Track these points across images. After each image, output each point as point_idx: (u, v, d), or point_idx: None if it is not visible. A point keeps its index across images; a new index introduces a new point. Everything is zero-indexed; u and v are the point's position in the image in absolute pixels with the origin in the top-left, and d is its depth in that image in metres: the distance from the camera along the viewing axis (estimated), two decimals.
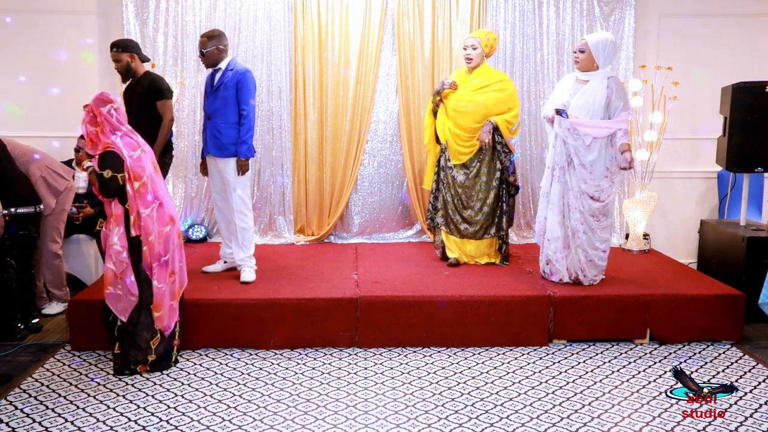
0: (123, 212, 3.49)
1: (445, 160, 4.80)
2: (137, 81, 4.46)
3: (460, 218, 4.79)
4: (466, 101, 4.67)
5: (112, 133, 3.52)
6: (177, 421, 3.09)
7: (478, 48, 4.67)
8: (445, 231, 4.86)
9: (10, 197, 4.10)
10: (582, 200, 4.17)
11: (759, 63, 5.59)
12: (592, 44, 4.07)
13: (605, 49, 4.08)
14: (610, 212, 4.31)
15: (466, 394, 3.39)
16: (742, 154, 4.76)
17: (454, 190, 4.78)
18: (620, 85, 4.17)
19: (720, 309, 4.11)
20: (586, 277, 4.28)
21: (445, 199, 4.82)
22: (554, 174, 4.26)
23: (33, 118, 5.57)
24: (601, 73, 4.13)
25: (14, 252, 4.16)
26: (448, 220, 4.83)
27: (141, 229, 3.49)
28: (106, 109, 3.53)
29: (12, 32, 5.56)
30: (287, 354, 3.92)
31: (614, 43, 4.16)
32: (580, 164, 4.14)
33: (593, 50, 4.07)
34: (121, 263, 3.47)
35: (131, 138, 3.58)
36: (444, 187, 4.83)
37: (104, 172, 3.46)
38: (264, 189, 5.66)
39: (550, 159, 4.34)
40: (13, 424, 3.05)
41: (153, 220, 3.52)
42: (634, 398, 3.37)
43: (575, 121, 4.11)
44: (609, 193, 4.20)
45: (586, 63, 4.12)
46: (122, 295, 3.48)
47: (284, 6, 5.50)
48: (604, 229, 4.26)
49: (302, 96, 5.58)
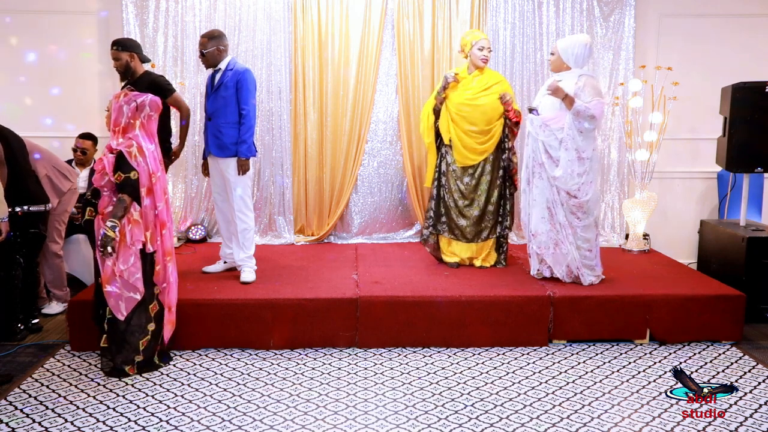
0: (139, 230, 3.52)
1: (447, 164, 4.74)
2: (136, 81, 4.46)
3: (465, 221, 4.74)
4: (471, 106, 4.61)
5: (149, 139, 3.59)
6: (177, 421, 3.09)
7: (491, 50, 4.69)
8: (449, 237, 4.79)
9: (24, 195, 4.13)
10: (561, 195, 4.24)
11: (759, 63, 5.60)
12: (561, 48, 4.24)
13: (574, 51, 4.18)
14: (591, 210, 4.26)
15: (466, 394, 3.39)
16: (742, 154, 4.76)
17: (458, 193, 4.73)
18: (591, 82, 4.19)
19: (720, 309, 4.11)
20: (583, 276, 4.29)
21: (448, 204, 4.75)
22: (534, 171, 4.33)
23: (33, 118, 5.58)
24: (574, 72, 4.21)
25: (23, 250, 4.17)
26: (452, 225, 4.77)
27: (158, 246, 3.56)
28: (155, 116, 3.62)
29: (12, 32, 5.57)
30: (287, 354, 3.93)
31: (585, 45, 4.19)
32: (552, 159, 4.22)
33: (561, 53, 4.22)
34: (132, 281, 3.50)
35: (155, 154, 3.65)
36: (446, 192, 4.76)
37: (131, 173, 3.46)
38: (264, 189, 5.66)
39: (525, 157, 4.42)
40: (13, 424, 3.05)
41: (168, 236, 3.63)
42: (634, 398, 3.37)
43: (545, 116, 4.22)
44: (586, 191, 4.20)
45: (556, 64, 4.29)
46: (123, 292, 3.49)
47: (284, 6, 5.50)
48: (585, 228, 4.25)
49: (302, 96, 5.58)
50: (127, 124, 3.53)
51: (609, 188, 5.74)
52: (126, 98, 3.55)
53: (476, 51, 4.63)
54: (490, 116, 4.61)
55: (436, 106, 4.74)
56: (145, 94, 3.62)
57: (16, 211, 4.04)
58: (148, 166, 3.51)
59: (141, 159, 3.48)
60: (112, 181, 3.46)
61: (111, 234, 3.36)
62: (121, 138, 3.53)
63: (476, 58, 4.64)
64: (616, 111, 5.63)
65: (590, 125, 4.12)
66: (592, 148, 4.20)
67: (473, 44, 4.63)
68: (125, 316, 3.49)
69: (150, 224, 3.54)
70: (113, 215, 3.40)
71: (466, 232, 4.75)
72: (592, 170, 4.22)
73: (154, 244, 3.56)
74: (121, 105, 3.54)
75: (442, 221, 4.80)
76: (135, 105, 3.54)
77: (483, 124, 4.62)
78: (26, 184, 4.15)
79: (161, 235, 3.61)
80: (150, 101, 3.59)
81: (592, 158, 4.20)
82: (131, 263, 3.47)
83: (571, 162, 4.15)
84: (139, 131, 3.55)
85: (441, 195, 4.79)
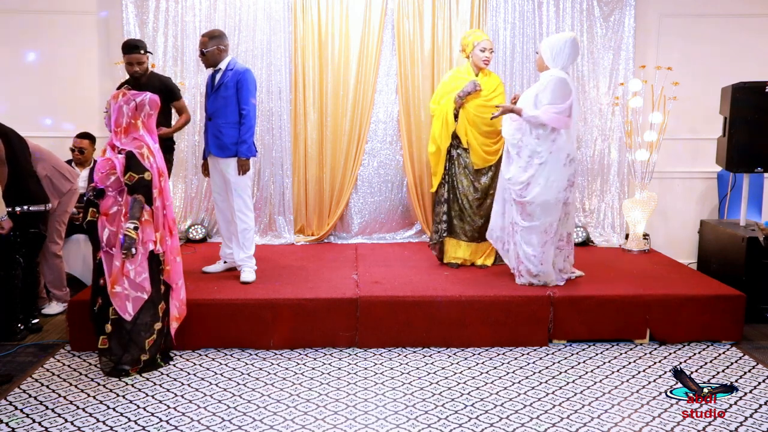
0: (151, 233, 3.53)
1: (462, 166, 4.67)
2: (146, 81, 4.48)
3: (481, 220, 4.68)
4: (487, 107, 4.55)
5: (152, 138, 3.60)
6: (177, 421, 3.09)
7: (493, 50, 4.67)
8: (463, 240, 4.72)
9: (24, 195, 4.13)
10: (509, 193, 4.27)
11: (759, 63, 5.60)
12: (542, 47, 4.22)
13: (552, 50, 4.13)
14: (536, 215, 4.15)
15: (466, 394, 3.39)
16: (742, 154, 4.77)
17: (474, 194, 4.68)
18: (556, 84, 4.10)
19: (720, 309, 4.11)
20: (521, 275, 4.26)
21: (463, 206, 4.70)
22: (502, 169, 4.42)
23: (33, 117, 5.58)
24: (549, 72, 4.18)
25: (23, 250, 4.17)
26: (466, 226, 4.71)
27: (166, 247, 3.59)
28: (154, 114, 3.63)
29: (12, 32, 5.57)
30: (287, 354, 3.92)
31: (566, 42, 4.10)
32: (509, 159, 4.28)
33: (542, 52, 4.21)
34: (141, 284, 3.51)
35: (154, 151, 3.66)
36: (460, 194, 4.69)
37: (145, 174, 3.46)
38: (264, 189, 5.65)
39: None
40: (13, 424, 3.05)
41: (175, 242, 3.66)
42: (634, 398, 3.37)
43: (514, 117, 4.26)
44: (531, 193, 4.14)
45: (539, 64, 4.28)
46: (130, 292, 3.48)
47: (284, 6, 5.50)
48: (528, 231, 4.19)
49: (302, 96, 5.58)
50: (129, 124, 3.54)
51: (609, 188, 5.74)
52: (125, 98, 3.55)
53: (478, 52, 4.59)
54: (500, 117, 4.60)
55: (455, 109, 4.60)
56: (144, 93, 3.62)
57: (15, 210, 4.04)
58: (158, 167, 3.53)
59: (152, 159, 3.49)
60: (121, 181, 3.45)
61: (133, 235, 3.37)
62: (124, 138, 3.53)
63: (478, 59, 4.61)
64: (616, 111, 5.63)
65: (544, 131, 4.11)
66: (549, 151, 4.11)
67: (475, 45, 4.59)
68: (132, 316, 3.49)
69: (160, 225, 3.55)
70: (132, 216, 3.40)
71: (480, 230, 4.68)
72: (542, 175, 4.12)
73: (163, 245, 3.57)
74: (121, 105, 3.54)
75: (455, 224, 4.73)
76: (134, 104, 3.54)
77: (497, 124, 4.60)
78: (27, 184, 4.15)
79: (171, 235, 3.62)
80: (149, 100, 3.59)
81: (545, 162, 4.12)
82: (139, 263, 3.47)
83: (520, 165, 4.18)
84: (143, 131, 3.56)
85: (453, 198, 4.71)
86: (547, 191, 4.13)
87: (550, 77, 4.13)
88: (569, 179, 4.18)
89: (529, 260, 4.23)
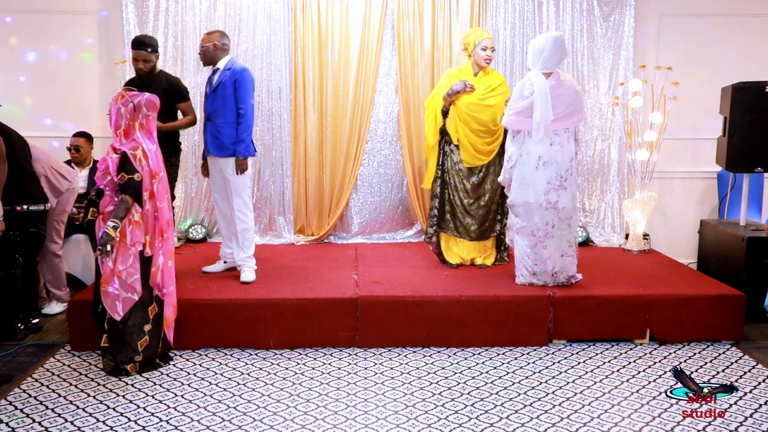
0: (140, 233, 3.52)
1: (453, 162, 4.72)
2: (152, 80, 4.45)
3: (471, 219, 4.72)
4: (481, 106, 4.58)
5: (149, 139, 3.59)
6: (177, 421, 3.09)
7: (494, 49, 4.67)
8: (453, 235, 4.77)
9: (24, 194, 4.13)
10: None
11: (759, 63, 5.60)
12: (529, 46, 4.23)
13: (533, 51, 4.13)
14: (520, 215, 4.22)
15: (466, 394, 3.39)
16: (742, 154, 4.77)
17: (464, 192, 4.71)
18: (518, 85, 4.23)
19: (720, 309, 4.11)
20: (521, 275, 4.31)
21: (453, 202, 4.73)
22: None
23: (32, 118, 5.58)
24: (527, 74, 4.22)
25: (23, 250, 4.17)
26: (457, 223, 4.75)
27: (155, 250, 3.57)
28: (153, 115, 3.62)
29: (12, 32, 5.57)
30: (287, 354, 3.92)
31: (546, 42, 4.06)
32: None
33: (528, 52, 4.23)
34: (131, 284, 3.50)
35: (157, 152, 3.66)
36: (452, 190, 4.73)
37: (135, 175, 3.46)
38: (264, 189, 5.66)
39: None
40: (13, 424, 3.05)
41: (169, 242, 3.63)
42: (634, 398, 3.37)
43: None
44: (510, 193, 4.25)
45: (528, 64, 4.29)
46: (121, 293, 3.48)
47: (284, 6, 5.50)
48: (520, 231, 4.26)
49: (302, 96, 5.58)
50: (128, 126, 3.54)
51: (609, 188, 5.74)
52: (123, 100, 3.55)
53: (479, 51, 4.59)
54: (497, 116, 4.58)
55: (444, 107, 4.65)
56: (141, 94, 3.61)
57: (15, 210, 4.04)
58: (150, 169, 3.52)
59: (145, 162, 3.49)
60: (115, 181, 3.46)
61: (111, 233, 3.37)
62: (124, 140, 3.53)
63: (479, 58, 4.61)
64: (616, 111, 5.63)
65: (512, 134, 4.22)
66: (519, 154, 4.15)
67: (476, 44, 4.59)
68: (122, 316, 3.49)
69: (150, 228, 3.55)
70: (115, 215, 3.41)
71: (471, 231, 4.73)
72: (516, 178, 4.18)
73: (152, 248, 3.56)
74: (119, 107, 3.54)
75: (446, 219, 4.77)
76: (132, 106, 3.54)
77: (491, 124, 4.60)
78: (26, 184, 4.16)
79: (163, 238, 3.61)
80: (146, 101, 3.58)
81: (515, 165, 4.18)
82: (130, 264, 3.47)
83: (504, 167, 4.30)
84: (139, 133, 3.55)
85: (445, 193, 4.76)
86: (524, 194, 4.16)
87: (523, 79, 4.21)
88: (549, 182, 4.12)
89: (525, 260, 4.25)
